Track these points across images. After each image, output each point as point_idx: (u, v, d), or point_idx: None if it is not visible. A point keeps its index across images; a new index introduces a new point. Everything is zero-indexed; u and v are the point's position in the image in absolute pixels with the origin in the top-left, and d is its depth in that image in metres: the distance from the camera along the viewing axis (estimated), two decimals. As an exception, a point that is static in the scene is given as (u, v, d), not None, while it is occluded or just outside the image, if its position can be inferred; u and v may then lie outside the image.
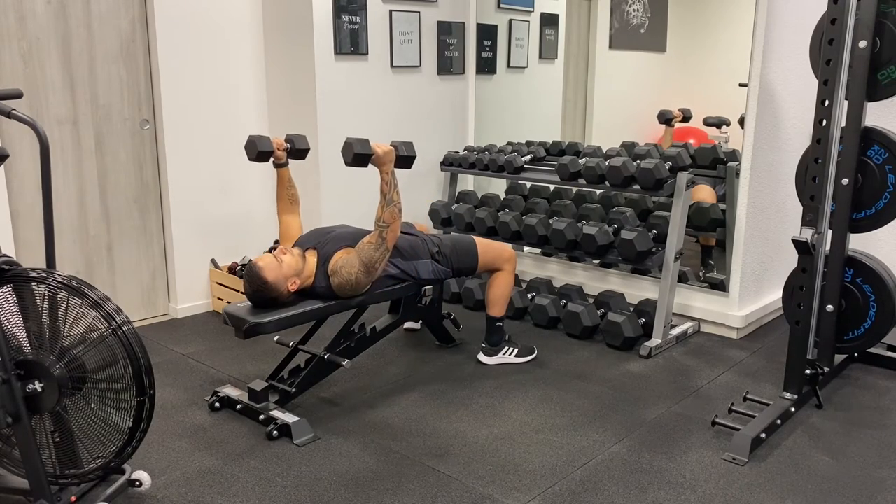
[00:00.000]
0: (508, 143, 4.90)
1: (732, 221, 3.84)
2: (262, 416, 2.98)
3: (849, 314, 3.26)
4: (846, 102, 2.99)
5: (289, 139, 3.29)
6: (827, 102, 2.85)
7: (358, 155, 2.92)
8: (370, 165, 3.01)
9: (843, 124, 2.99)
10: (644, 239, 3.84)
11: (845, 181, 3.08)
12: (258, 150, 3.16)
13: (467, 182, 5.14)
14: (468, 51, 4.98)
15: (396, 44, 4.53)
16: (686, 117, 5.05)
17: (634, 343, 3.78)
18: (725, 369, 3.55)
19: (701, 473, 2.66)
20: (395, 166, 3.05)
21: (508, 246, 3.62)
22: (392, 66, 4.55)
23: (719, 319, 3.95)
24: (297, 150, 3.31)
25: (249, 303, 3.00)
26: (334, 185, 4.39)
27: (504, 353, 3.60)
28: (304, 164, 4.36)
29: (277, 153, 3.24)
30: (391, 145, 3.06)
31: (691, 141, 5.12)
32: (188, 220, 4.25)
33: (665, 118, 5.07)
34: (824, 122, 2.87)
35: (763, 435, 2.82)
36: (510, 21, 5.22)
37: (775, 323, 4.17)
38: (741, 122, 3.76)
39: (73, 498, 2.33)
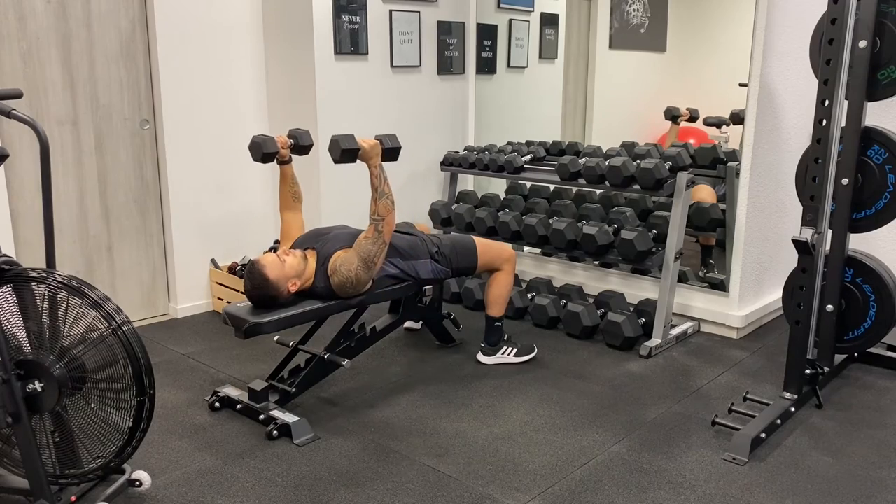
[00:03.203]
0: (508, 143, 4.89)
1: (732, 221, 3.84)
2: (262, 416, 2.98)
3: (849, 314, 3.26)
4: (846, 102, 2.99)
5: (292, 135, 3.27)
6: (827, 102, 2.85)
7: (345, 151, 2.95)
8: (358, 161, 3.04)
9: (843, 124, 2.99)
10: (644, 239, 3.84)
11: (845, 181, 3.08)
12: (263, 153, 3.12)
13: (467, 182, 5.14)
14: (468, 51, 4.98)
15: (396, 44, 4.53)
16: (693, 117, 5.06)
17: (634, 343, 3.78)
18: (725, 369, 3.55)
19: (701, 473, 2.66)
20: (382, 159, 3.09)
21: (508, 246, 3.63)
22: (392, 66, 4.55)
23: (719, 319, 3.95)
24: (301, 146, 3.28)
25: (249, 302, 3.00)
26: (334, 185, 4.39)
27: (502, 353, 3.60)
28: (304, 164, 4.36)
29: (282, 151, 3.23)
30: (375, 138, 3.09)
31: (691, 141, 5.12)
32: (188, 220, 4.25)
33: (672, 115, 5.07)
34: (824, 122, 2.87)
35: (763, 435, 2.82)
36: (510, 21, 5.21)
37: (775, 323, 4.17)
38: (732, 118, 3.74)
39: (73, 498, 2.33)
